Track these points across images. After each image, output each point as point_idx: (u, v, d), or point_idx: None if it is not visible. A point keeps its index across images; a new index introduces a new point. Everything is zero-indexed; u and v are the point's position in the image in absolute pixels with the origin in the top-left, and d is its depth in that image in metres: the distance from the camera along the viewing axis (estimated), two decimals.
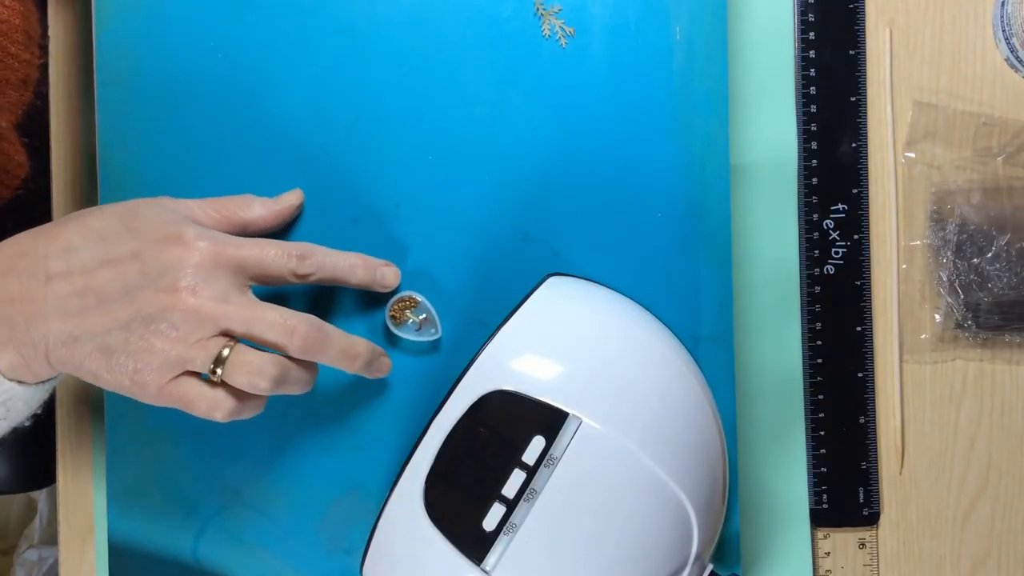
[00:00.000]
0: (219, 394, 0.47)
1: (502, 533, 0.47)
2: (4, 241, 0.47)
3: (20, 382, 0.47)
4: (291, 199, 0.54)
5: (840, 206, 0.60)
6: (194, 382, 0.47)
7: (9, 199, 0.62)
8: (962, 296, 0.60)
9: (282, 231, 0.55)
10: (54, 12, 0.60)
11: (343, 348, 0.49)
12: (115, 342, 0.46)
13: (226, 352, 0.46)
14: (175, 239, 0.47)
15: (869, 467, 0.60)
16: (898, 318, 0.60)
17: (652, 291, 0.56)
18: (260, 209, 0.53)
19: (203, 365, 0.46)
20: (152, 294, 0.46)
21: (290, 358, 0.48)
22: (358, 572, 0.51)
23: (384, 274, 0.54)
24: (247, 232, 0.52)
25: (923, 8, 0.60)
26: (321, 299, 0.56)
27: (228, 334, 0.47)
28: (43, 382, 0.48)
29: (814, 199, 0.60)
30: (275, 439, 0.56)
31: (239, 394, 0.47)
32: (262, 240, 0.49)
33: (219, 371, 0.46)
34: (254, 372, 0.46)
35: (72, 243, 0.46)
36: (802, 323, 0.60)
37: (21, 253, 0.46)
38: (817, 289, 0.60)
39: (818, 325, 0.60)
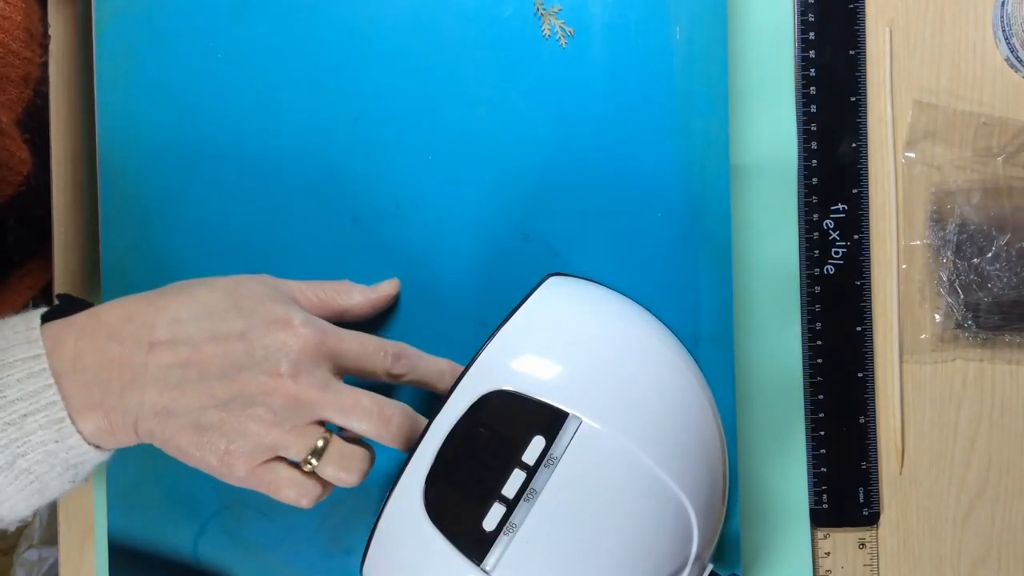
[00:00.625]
0: (308, 482, 0.48)
1: (502, 533, 0.47)
2: (112, 303, 0.47)
3: (97, 447, 0.46)
4: (388, 289, 0.55)
5: (840, 206, 0.60)
6: (284, 468, 0.47)
7: (11, 195, 0.62)
8: (962, 296, 0.60)
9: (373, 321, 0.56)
10: (54, 11, 0.60)
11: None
12: (210, 420, 0.45)
13: (321, 443, 0.47)
14: (283, 323, 0.47)
15: (869, 467, 0.60)
16: (898, 318, 0.60)
17: (652, 291, 0.56)
18: (359, 297, 0.53)
19: (298, 454, 0.47)
20: (254, 376, 0.45)
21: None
22: (358, 572, 0.51)
23: None
24: (343, 318, 0.53)
25: (923, 8, 0.60)
26: None
27: (323, 422, 0.47)
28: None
29: (814, 199, 0.60)
30: None
31: (324, 482, 0.48)
32: (363, 335, 0.50)
33: (314, 462, 0.47)
34: (346, 467, 0.47)
35: (180, 315, 0.46)
36: (802, 323, 0.60)
37: (128, 318, 0.46)
38: (817, 289, 0.60)
39: (818, 325, 0.60)
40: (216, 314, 0.46)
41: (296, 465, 0.48)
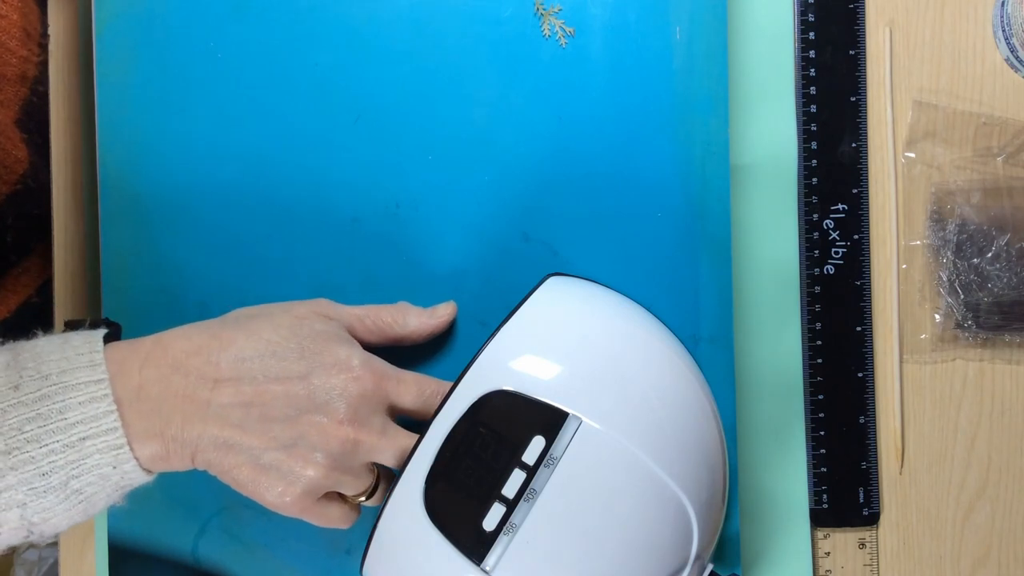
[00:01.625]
0: (353, 512, 0.51)
1: (502, 533, 0.47)
2: (177, 331, 0.48)
3: (148, 471, 0.47)
4: (446, 314, 0.55)
5: (840, 206, 0.60)
6: (335, 505, 0.50)
7: (8, 194, 0.62)
8: (962, 296, 0.60)
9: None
10: (54, 11, 0.60)
11: None
12: (270, 461, 0.46)
13: (373, 483, 0.49)
14: (343, 367, 0.48)
15: (869, 467, 0.60)
16: (898, 318, 0.60)
17: (652, 291, 0.56)
18: (414, 323, 0.53)
19: (351, 491, 0.49)
20: (315, 420, 0.46)
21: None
22: (358, 572, 0.51)
23: None
24: (400, 343, 0.54)
25: (923, 8, 0.60)
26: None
27: (376, 462, 0.49)
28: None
29: (814, 199, 0.60)
30: None
31: (359, 506, 0.51)
32: (422, 379, 0.51)
33: (364, 500, 0.50)
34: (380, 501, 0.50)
35: (244, 353, 0.47)
36: (802, 323, 0.60)
37: (194, 351, 0.47)
38: (817, 289, 0.60)
39: (818, 325, 0.60)
40: (279, 354, 0.47)
41: (344, 496, 0.50)
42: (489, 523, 0.47)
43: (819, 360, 0.60)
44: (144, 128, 0.56)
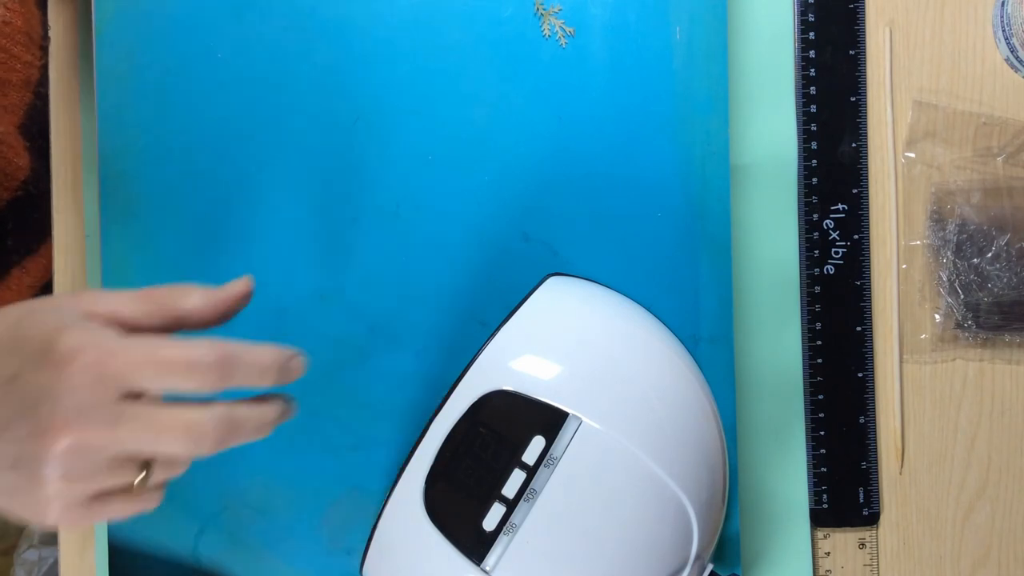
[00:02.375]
0: (148, 495, 0.42)
1: (502, 533, 0.47)
2: None
3: None
4: (238, 288, 0.44)
5: (840, 206, 0.60)
6: (114, 503, 0.41)
7: (8, 200, 0.62)
8: (962, 296, 0.60)
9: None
10: (54, 12, 0.60)
11: (257, 416, 0.42)
12: (4, 485, 0.39)
13: (141, 472, 0.40)
14: (49, 359, 0.38)
15: (869, 467, 0.60)
16: (898, 318, 0.60)
17: (652, 291, 0.56)
18: (198, 300, 0.43)
19: (117, 485, 0.40)
20: (29, 431, 0.38)
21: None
22: (358, 572, 0.51)
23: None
24: (183, 326, 0.43)
25: (923, 8, 0.60)
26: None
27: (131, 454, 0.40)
28: None
29: (814, 199, 0.60)
30: (275, 439, 0.56)
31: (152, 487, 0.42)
32: (166, 345, 0.40)
33: (139, 483, 0.41)
34: (175, 470, 0.42)
35: None
36: (802, 323, 0.60)
37: None
38: (817, 289, 0.60)
39: (818, 325, 0.60)
40: None
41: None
42: (489, 523, 0.47)
43: (819, 360, 0.60)
44: (144, 128, 0.56)
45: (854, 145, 0.60)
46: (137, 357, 0.39)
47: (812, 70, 0.60)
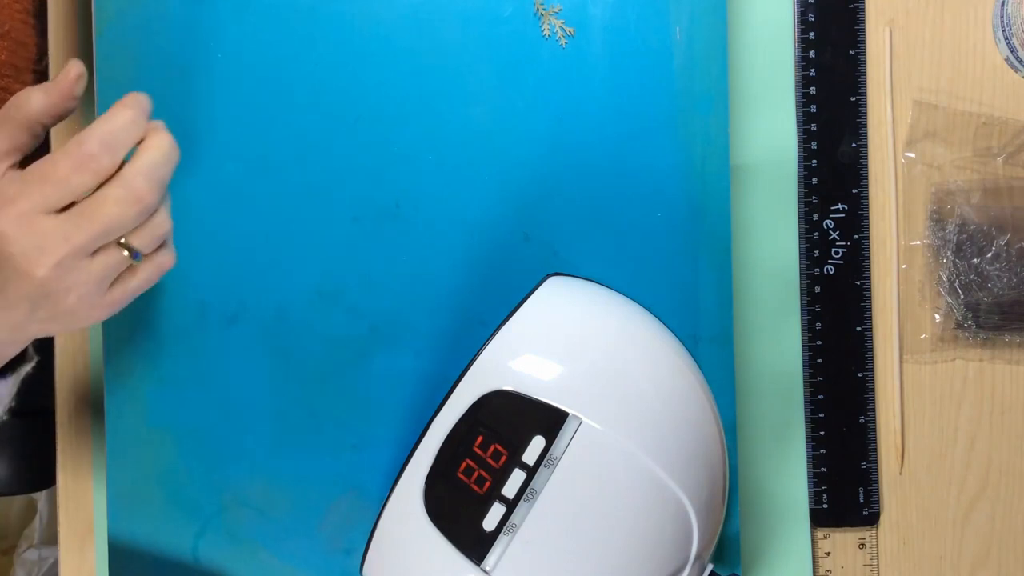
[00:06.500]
0: (152, 261, 0.47)
1: (502, 533, 0.47)
2: None
3: None
4: (68, 72, 0.45)
5: (840, 206, 0.60)
6: (127, 280, 0.46)
7: None
8: (962, 296, 0.60)
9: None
10: (54, 13, 0.60)
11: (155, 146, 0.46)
12: (43, 316, 0.45)
13: (114, 258, 0.45)
14: None
15: (869, 467, 0.60)
16: (898, 318, 0.60)
17: (652, 291, 0.56)
18: (39, 98, 0.45)
19: (117, 272, 0.45)
20: (15, 287, 0.43)
21: None
22: (358, 572, 0.51)
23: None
24: (35, 127, 0.46)
25: (923, 8, 0.60)
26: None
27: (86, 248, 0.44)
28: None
29: (814, 199, 0.60)
30: (275, 439, 0.56)
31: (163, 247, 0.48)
32: (40, 167, 0.44)
33: (135, 256, 0.46)
34: (156, 229, 0.46)
35: None
36: (802, 323, 0.60)
37: None
38: (817, 289, 0.60)
39: (818, 325, 0.60)
40: None
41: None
42: (489, 523, 0.47)
43: (819, 360, 0.60)
44: None
45: (854, 145, 0.60)
46: (39, 187, 0.43)
47: (812, 70, 0.60)
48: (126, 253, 0.45)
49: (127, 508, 0.56)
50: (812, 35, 0.60)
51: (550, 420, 0.47)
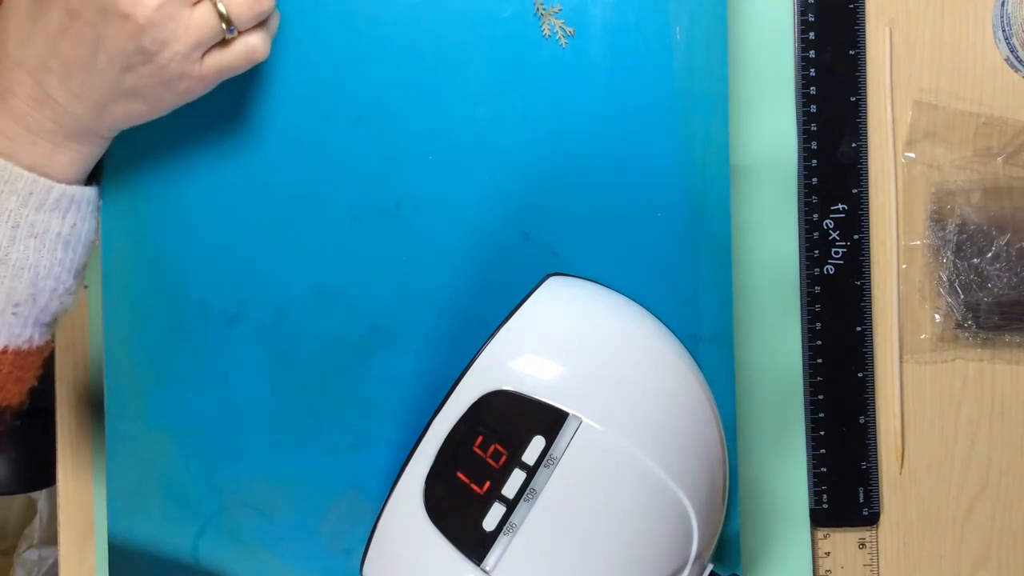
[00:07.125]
0: (245, 42, 0.48)
1: (502, 533, 0.47)
2: None
3: (46, 175, 0.48)
4: None
5: (840, 206, 0.60)
6: (217, 52, 0.48)
7: None
8: (962, 296, 0.60)
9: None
10: None
11: None
12: (131, 85, 0.47)
13: (211, 19, 0.46)
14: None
15: (869, 467, 0.60)
16: (898, 318, 0.60)
17: (652, 291, 0.56)
18: None
19: (211, 40, 0.47)
20: (114, 36, 0.45)
21: None
22: (358, 572, 0.51)
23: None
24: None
25: (923, 8, 0.60)
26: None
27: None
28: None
29: (814, 199, 0.60)
30: (275, 439, 0.56)
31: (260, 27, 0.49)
32: None
33: (230, 30, 0.47)
34: (257, 5, 0.47)
35: (19, 37, 0.46)
36: (802, 323, 0.60)
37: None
38: (817, 289, 0.60)
39: (818, 325, 0.60)
40: (39, 15, 0.46)
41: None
42: (489, 523, 0.47)
43: (819, 360, 0.60)
44: (143, 127, 0.56)
45: (854, 145, 0.60)
46: None
47: (812, 70, 0.60)
48: (224, 25, 0.47)
49: (127, 508, 0.56)
50: (812, 35, 0.60)
51: (550, 420, 0.47)
